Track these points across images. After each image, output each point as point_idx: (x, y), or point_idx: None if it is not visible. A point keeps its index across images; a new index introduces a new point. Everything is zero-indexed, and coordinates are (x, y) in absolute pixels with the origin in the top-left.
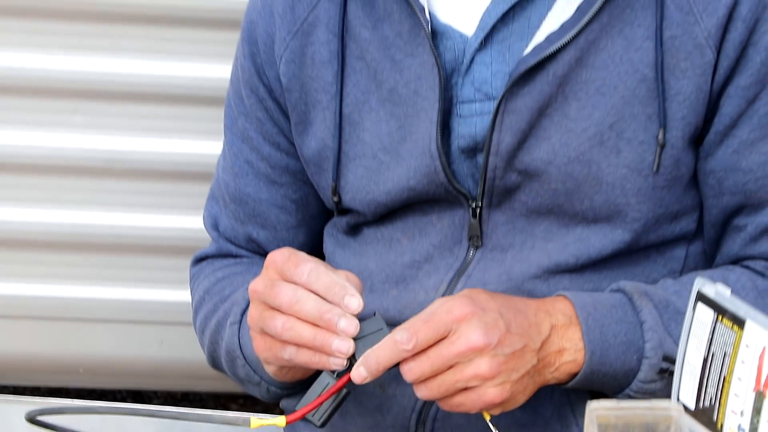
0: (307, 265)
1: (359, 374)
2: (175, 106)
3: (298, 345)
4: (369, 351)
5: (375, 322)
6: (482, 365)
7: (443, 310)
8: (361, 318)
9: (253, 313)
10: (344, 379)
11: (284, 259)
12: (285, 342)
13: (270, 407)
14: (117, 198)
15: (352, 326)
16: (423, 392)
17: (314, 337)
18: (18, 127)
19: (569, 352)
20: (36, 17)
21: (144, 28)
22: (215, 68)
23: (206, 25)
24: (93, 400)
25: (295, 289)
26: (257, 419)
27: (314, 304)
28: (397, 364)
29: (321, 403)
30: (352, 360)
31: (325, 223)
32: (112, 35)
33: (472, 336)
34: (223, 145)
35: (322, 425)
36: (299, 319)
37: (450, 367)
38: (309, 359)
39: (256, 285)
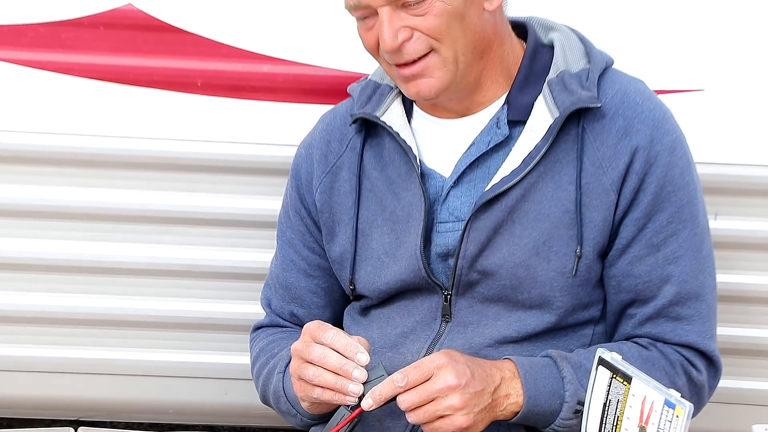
0: (331, 331)
1: (368, 403)
2: (239, 228)
3: (324, 387)
4: (374, 387)
5: (378, 370)
6: (454, 399)
7: (427, 361)
8: (369, 368)
9: (293, 364)
10: (357, 411)
11: (315, 327)
12: (315, 385)
13: None
14: (197, 292)
15: (363, 375)
16: (412, 418)
17: (335, 382)
18: (129, 244)
19: (513, 397)
20: (141, 168)
21: (216, 175)
22: (269, 201)
23: (261, 173)
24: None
25: (323, 348)
26: None
27: (336, 359)
28: (393, 399)
29: (339, 429)
30: (361, 398)
31: (343, 306)
32: (194, 180)
33: (447, 378)
34: (276, 249)
35: None
36: (325, 369)
37: (431, 401)
38: (331, 397)
39: (296, 345)
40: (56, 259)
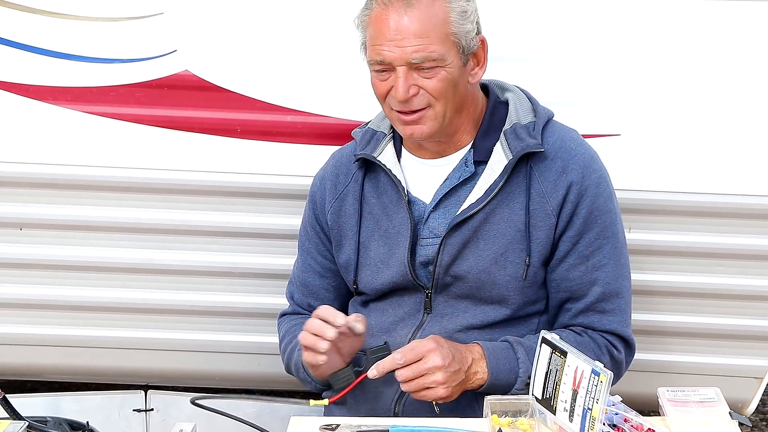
0: (323, 308)
1: (372, 373)
2: (268, 239)
3: (306, 348)
4: (379, 362)
5: (385, 348)
6: (439, 376)
7: (420, 345)
8: (377, 347)
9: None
10: (362, 376)
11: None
12: (304, 347)
13: (317, 397)
14: (237, 288)
15: (333, 334)
16: (405, 387)
17: (313, 342)
18: (188, 252)
19: (480, 374)
20: (197, 194)
21: (252, 198)
22: (291, 219)
23: (285, 197)
24: (224, 394)
25: (313, 320)
26: (313, 401)
27: (318, 324)
28: (392, 372)
29: (346, 393)
30: (366, 369)
31: (348, 299)
32: (235, 203)
33: (435, 360)
34: (297, 256)
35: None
36: (309, 333)
37: (421, 376)
38: (307, 358)
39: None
40: (142, 263)
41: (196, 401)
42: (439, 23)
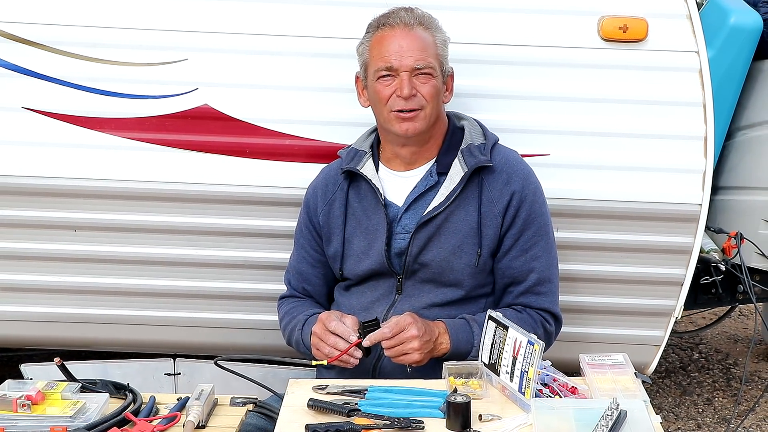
0: (334, 322)
1: (365, 342)
2: (270, 238)
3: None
4: (371, 334)
5: (376, 322)
6: (415, 344)
7: (402, 320)
8: (370, 321)
9: (314, 340)
10: (356, 341)
11: (326, 317)
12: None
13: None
14: (247, 277)
15: (359, 354)
16: (388, 352)
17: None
18: (207, 249)
19: (444, 344)
20: (214, 202)
21: (258, 205)
22: (289, 222)
23: (284, 204)
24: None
25: (335, 337)
26: (314, 361)
27: (342, 344)
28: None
29: (342, 355)
30: (361, 337)
31: (334, 284)
32: (244, 209)
33: (413, 331)
34: (293, 250)
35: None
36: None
37: (401, 343)
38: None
39: (316, 329)
40: (171, 258)
41: (218, 362)
42: (431, 44)
